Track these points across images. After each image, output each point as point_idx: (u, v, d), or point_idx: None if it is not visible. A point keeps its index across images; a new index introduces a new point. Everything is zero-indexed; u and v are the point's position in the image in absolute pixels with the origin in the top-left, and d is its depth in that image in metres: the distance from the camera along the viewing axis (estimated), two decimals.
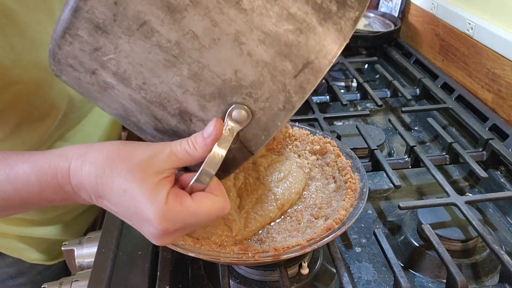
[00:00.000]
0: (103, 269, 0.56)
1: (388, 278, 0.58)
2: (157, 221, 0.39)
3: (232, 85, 0.38)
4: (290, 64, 0.38)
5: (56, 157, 0.42)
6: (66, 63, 0.40)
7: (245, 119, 0.40)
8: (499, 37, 0.87)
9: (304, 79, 0.38)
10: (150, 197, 0.39)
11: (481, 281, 0.58)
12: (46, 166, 0.42)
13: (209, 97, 0.39)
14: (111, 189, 0.40)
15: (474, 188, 0.76)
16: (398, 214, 0.69)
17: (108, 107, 0.43)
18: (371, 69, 1.18)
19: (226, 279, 0.54)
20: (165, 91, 0.40)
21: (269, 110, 0.39)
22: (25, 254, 0.73)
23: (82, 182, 0.41)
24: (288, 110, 0.39)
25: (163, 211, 0.39)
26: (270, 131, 0.40)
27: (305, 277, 0.57)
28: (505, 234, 0.66)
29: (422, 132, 0.91)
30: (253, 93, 0.39)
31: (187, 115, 0.41)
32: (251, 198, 0.59)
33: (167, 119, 0.42)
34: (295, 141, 0.70)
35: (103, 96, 0.42)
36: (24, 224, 0.72)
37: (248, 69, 0.38)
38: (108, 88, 0.41)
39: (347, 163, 0.62)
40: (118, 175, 0.39)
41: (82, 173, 0.41)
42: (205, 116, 0.40)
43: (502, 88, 0.87)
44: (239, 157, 0.42)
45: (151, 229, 0.40)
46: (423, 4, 1.14)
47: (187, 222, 0.40)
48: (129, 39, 0.38)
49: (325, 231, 0.51)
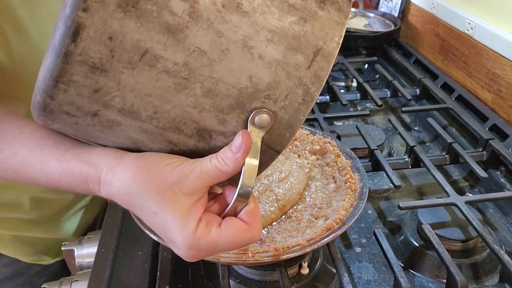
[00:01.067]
0: (103, 269, 0.56)
1: (388, 278, 0.58)
2: (184, 248, 0.39)
3: (249, 92, 0.37)
4: (301, 56, 0.37)
5: (87, 165, 0.41)
6: (61, 111, 0.37)
7: (268, 123, 0.39)
8: (499, 37, 0.87)
9: (317, 67, 0.38)
10: (179, 224, 0.38)
11: (481, 281, 0.58)
12: (77, 172, 0.41)
13: (227, 110, 0.38)
14: (141, 208, 0.39)
15: (474, 188, 0.76)
16: (398, 214, 0.69)
17: (112, 142, 0.41)
18: (371, 69, 1.18)
19: (226, 279, 0.54)
20: (180, 114, 0.38)
21: (290, 107, 0.39)
22: (22, 254, 0.73)
23: (112, 195, 0.41)
24: (308, 102, 0.39)
25: (190, 240, 0.38)
26: (294, 127, 0.40)
27: (305, 277, 0.57)
28: (505, 234, 0.66)
29: (422, 132, 0.91)
30: (272, 95, 0.38)
31: (206, 133, 0.39)
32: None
33: (184, 141, 0.40)
34: (295, 141, 0.70)
35: (107, 134, 0.40)
36: (20, 223, 0.71)
37: (262, 72, 0.37)
38: (113, 125, 0.39)
39: (347, 163, 0.62)
40: (147, 197, 0.38)
41: (112, 188, 0.40)
42: (225, 129, 0.39)
43: (502, 88, 0.87)
44: (265, 159, 0.41)
45: (179, 251, 0.40)
46: (423, 4, 1.14)
47: (214, 250, 0.40)
48: (132, 72, 0.35)
49: (325, 231, 0.51)
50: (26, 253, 0.73)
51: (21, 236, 0.72)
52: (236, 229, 0.39)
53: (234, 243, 0.39)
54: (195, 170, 0.39)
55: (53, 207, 0.74)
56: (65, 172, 0.42)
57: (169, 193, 0.38)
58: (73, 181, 0.42)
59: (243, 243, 0.40)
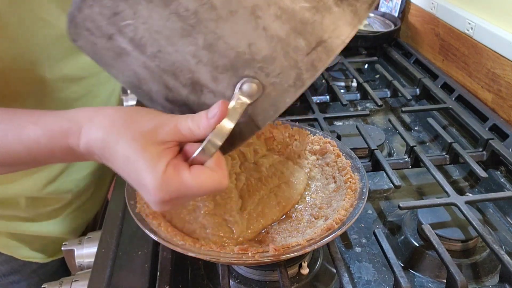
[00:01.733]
0: (103, 269, 0.56)
1: (388, 278, 0.58)
2: (153, 190, 0.40)
3: (245, 58, 0.39)
4: (303, 42, 0.38)
5: (66, 120, 0.44)
6: (84, 27, 0.41)
7: (255, 93, 0.40)
8: (499, 37, 0.87)
9: (316, 57, 0.38)
10: (149, 166, 0.40)
11: (481, 281, 0.58)
12: (56, 128, 0.44)
13: (221, 69, 0.39)
14: (116, 154, 0.41)
15: (474, 188, 0.76)
16: (398, 214, 0.69)
17: (121, 74, 0.44)
18: (371, 69, 1.18)
19: (226, 279, 0.54)
20: (179, 60, 0.40)
21: (279, 86, 0.39)
22: (18, 252, 0.73)
23: (90, 146, 0.43)
24: (298, 87, 0.39)
25: (159, 181, 0.40)
26: (278, 107, 0.40)
27: (305, 277, 0.57)
28: (505, 234, 0.66)
29: (422, 132, 0.91)
30: (265, 68, 0.39)
31: (198, 86, 0.41)
32: (253, 199, 0.59)
33: (178, 89, 0.42)
34: (295, 141, 0.70)
35: (117, 63, 0.42)
36: (16, 220, 0.71)
37: (262, 43, 0.38)
38: (123, 54, 0.41)
39: (347, 163, 0.62)
40: (122, 142, 0.41)
41: (90, 137, 0.42)
42: (216, 88, 0.40)
43: (502, 88, 0.87)
44: (246, 131, 0.43)
45: (149, 196, 0.42)
46: (423, 4, 1.14)
47: (183, 194, 0.42)
48: (148, 5, 0.38)
49: (325, 231, 0.51)
50: (22, 250, 0.73)
51: (17, 234, 0.72)
52: (204, 174, 0.41)
53: (202, 187, 0.41)
54: (169, 124, 0.41)
55: (49, 206, 0.74)
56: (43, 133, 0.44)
57: (141, 140, 0.40)
58: (52, 140, 0.44)
59: (211, 188, 0.42)
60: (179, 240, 0.51)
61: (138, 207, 0.55)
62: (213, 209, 0.56)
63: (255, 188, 0.60)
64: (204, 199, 0.57)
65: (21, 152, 0.46)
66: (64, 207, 0.77)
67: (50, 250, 0.77)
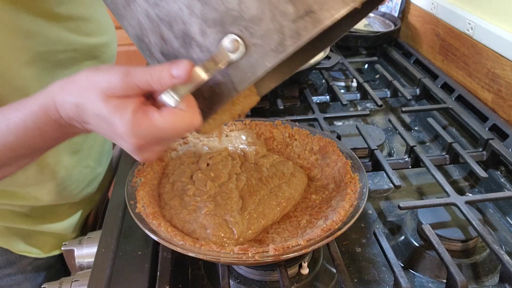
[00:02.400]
0: (103, 269, 0.56)
1: (388, 278, 0.58)
2: (127, 137, 0.42)
3: (233, 14, 0.40)
4: (292, 8, 0.39)
5: (42, 97, 0.46)
6: None
7: (236, 50, 0.40)
8: (499, 37, 0.87)
9: (302, 25, 0.39)
10: (117, 115, 0.42)
11: (481, 281, 0.58)
12: (36, 108, 0.46)
13: (210, 23, 0.41)
14: (88, 115, 0.43)
15: (474, 188, 0.76)
16: (398, 214, 0.69)
17: (129, 25, 0.46)
18: (371, 69, 1.18)
19: (226, 279, 0.54)
20: (175, 10, 0.42)
21: (261, 48, 0.40)
22: (13, 245, 0.73)
23: (68, 113, 0.45)
24: (279, 52, 0.40)
25: (130, 126, 0.42)
26: (257, 70, 0.41)
27: (305, 277, 0.57)
28: (505, 234, 0.66)
29: (422, 132, 0.91)
30: (250, 28, 0.40)
31: (188, 38, 0.42)
32: (254, 199, 0.59)
33: (171, 41, 0.43)
34: (295, 141, 0.70)
35: (127, 11, 0.45)
36: (12, 215, 0.71)
37: (251, 2, 0.39)
38: (131, 1, 0.44)
39: (347, 163, 0.62)
40: (89, 103, 0.43)
41: (65, 105, 0.44)
42: (203, 42, 0.42)
43: (502, 88, 0.87)
44: (224, 92, 0.44)
45: (126, 144, 0.43)
46: (423, 4, 1.14)
47: (156, 136, 0.43)
48: None
49: (325, 231, 0.51)
50: (18, 244, 0.73)
51: (12, 228, 0.72)
52: (174, 113, 0.42)
53: (174, 126, 0.42)
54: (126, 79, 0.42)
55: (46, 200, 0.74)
56: (27, 115, 0.46)
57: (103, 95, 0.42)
58: (37, 119, 0.46)
59: (183, 126, 0.42)
60: (179, 240, 0.51)
61: (138, 207, 0.55)
62: (214, 210, 0.56)
63: (255, 188, 0.60)
64: (205, 200, 0.57)
65: (15, 141, 0.48)
66: (59, 205, 0.77)
67: (47, 246, 0.77)
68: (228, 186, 0.59)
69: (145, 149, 0.44)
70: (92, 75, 0.44)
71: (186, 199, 0.58)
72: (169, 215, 0.57)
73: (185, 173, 0.61)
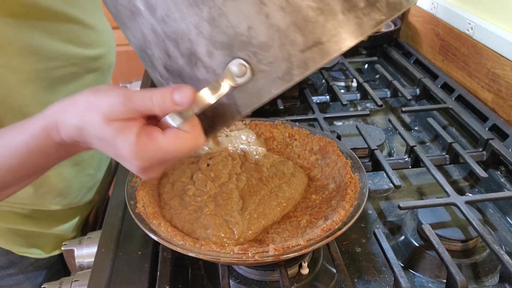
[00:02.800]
0: (103, 269, 0.56)
1: (388, 278, 0.58)
2: (132, 160, 0.42)
3: (242, 39, 0.40)
4: (301, 38, 0.39)
5: (43, 119, 0.45)
6: None
7: (243, 75, 0.40)
8: (499, 37, 0.87)
9: (310, 56, 0.39)
10: (120, 139, 0.42)
11: (481, 281, 0.58)
12: (37, 130, 0.45)
13: (218, 45, 0.41)
14: (91, 137, 0.43)
15: (474, 188, 0.76)
16: (398, 214, 0.69)
17: (133, 36, 0.46)
18: (371, 69, 1.18)
19: (226, 279, 0.54)
20: (182, 28, 0.41)
21: (268, 75, 0.40)
22: (15, 246, 0.73)
23: (70, 136, 0.44)
24: (286, 80, 0.40)
25: (135, 149, 0.42)
26: (262, 96, 0.41)
27: (305, 277, 0.57)
28: (505, 234, 0.66)
29: (422, 132, 0.91)
30: (259, 54, 0.40)
31: (194, 58, 0.42)
32: (254, 200, 0.59)
33: (176, 58, 0.43)
34: (295, 141, 0.70)
35: (131, 22, 0.45)
36: (14, 216, 0.71)
37: (261, 29, 0.39)
38: (136, 14, 0.43)
39: (347, 163, 0.62)
40: (91, 126, 0.43)
41: (67, 127, 0.44)
42: (209, 63, 0.42)
43: (502, 88, 0.87)
44: (227, 114, 0.44)
45: (131, 166, 0.43)
46: (423, 4, 1.14)
47: (161, 158, 0.43)
48: None
49: (325, 231, 0.51)
50: (19, 245, 0.73)
51: (14, 229, 0.72)
52: (178, 135, 0.42)
53: (179, 148, 0.42)
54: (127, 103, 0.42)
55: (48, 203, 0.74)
56: (29, 137, 0.46)
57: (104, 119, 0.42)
58: (39, 141, 0.46)
59: (187, 147, 0.42)
60: (179, 240, 0.51)
61: (138, 207, 0.55)
62: (214, 210, 0.56)
63: (256, 188, 0.60)
64: (205, 200, 0.57)
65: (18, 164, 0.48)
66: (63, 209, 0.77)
67: (48, 246, 0.77)
68: (228, 186, 0.59)
69: (150, 170, 0.44)
70: (92, 98, 0.43)
71: (186, 199, 0.58)
72: (169, 215, 0.57)
73: (185, 173, 0.61)
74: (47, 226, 0.76)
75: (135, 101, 0.42)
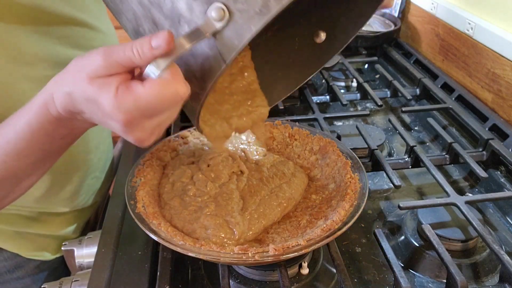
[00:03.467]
0: (103, 269, 0.57)
1: (388, 278, 0.58)
2: (113, 114, 0.42)
3: None
4: None
5: (40, 94, 0.46)
6: None
7: (222, 18, 0.40)
8: (499, 37, 0.87)
9: None
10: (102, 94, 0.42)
11: (481, 281, 0.58)
12: (37, 107, 0.46)
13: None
14: (80, 102, 0.43)
15: (474, 188, 0.76)
16: (398, 214, 0.69)
17: (126, 20, 0.47)
18: (371, 69, 1.18)
19: (226, 279, 0.54)
20: None
21: (246, 13, 0.40)
22: (22, 249, 0.73)
23: (64, 105, 0.45)
24: (264, 14, 0.39)
25: (114, 102, 0.41)
26: (243, 36, 0.40)
27: (305, 277, 0.57)
28: (505, 234, 0.66)
29: (422, 132, 0.91)
30: None
31: (177, 16, 0.42)
32: (254, 200, 0.59)
33: (162, 23, 0.44)
34: (295, 141, 0.70)
35: (123, 4, 0.46)
36: (21, 220, 0.72)
37: None
38: None
39: (347, 163, 0.62)
40: (77, 88, 0.43)
41: (59, 96, 0.44)
42: (190, 17, 0.42)
43: (502, 88, 0.87)
44: (214, 66, 0.43)
45: (115, 123, 0.43)
46: (423, 4, 1.14)
47: (143, 108, 0.42)
48: None
49: (325, 231, 0.51)
50: (26, 248, 0.74)
51: (21, 232, 0.72)
52: (157, 83, 0.41)
53: (158, 95, 0.41)
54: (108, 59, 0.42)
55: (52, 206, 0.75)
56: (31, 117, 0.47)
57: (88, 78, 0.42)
58: (39, 118, 0.46)
59: (168, 95, 0.42)
60: (179, 240, 0.51)
61: (138, 207, 0.55)
62: (215, 210, 0.56)
63: (256, 188, 0.60)
64: (205, 200, 0.57)
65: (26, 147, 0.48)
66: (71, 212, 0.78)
67: (53, 248, 0.77)
68: (229, 187, 0.59)
69: (135, 126, 0.43)
70: (79, 61, 0.44)
71: (187, 200, 0.58)
72: (169, 215, 0.57)
73: (185, 173, 0.61)
74: (54, 228, 0.76)
75: (115, 54, 0.42)
